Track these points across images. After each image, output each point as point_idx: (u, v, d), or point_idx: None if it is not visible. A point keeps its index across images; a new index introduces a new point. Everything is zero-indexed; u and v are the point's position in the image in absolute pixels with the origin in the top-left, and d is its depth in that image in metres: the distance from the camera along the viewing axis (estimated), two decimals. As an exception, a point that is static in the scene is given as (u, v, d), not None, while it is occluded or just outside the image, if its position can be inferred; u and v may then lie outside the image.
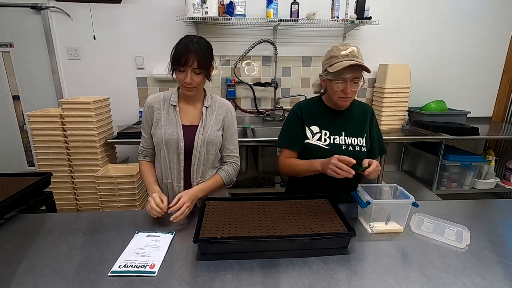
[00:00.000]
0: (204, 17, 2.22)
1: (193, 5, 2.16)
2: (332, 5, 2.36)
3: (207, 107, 1.26)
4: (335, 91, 1.20)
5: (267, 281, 0.80)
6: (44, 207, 1.41)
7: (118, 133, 2.15)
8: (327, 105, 1.32)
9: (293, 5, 2.33)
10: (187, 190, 1.18)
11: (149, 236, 1.00)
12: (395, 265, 0.87)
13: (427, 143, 2.59)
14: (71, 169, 2.06)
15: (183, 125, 1.22)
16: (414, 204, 1.03)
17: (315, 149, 1.26)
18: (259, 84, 2.57)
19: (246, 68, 2.62)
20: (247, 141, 2.13)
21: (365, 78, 1.20)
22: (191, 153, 1.22)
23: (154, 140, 1.24)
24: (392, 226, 1.05)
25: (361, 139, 1.29)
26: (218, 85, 2.62)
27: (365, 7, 2.35)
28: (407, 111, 2.60)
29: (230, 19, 2.27)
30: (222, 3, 2.27)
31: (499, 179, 2.57)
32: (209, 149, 1.24)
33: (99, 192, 1.98)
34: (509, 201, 1.32)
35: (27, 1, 2.26)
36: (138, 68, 2.51)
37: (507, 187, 2.57)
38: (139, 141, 1.33)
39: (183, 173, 1.24)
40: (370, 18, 2.35)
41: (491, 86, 2.87)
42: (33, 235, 1.02)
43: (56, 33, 2.37)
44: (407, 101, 2.52)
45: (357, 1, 2.35)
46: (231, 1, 2.25)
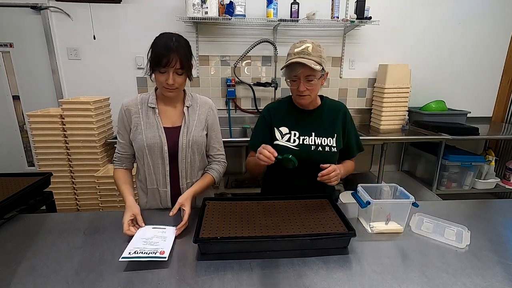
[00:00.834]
0: (204, 17, 2.22)
1: (193, 5, 2.16)
2: (332, 5, 2.36)
3: (188, 107, 1.21)
4: (292, 88, 1.23)
5: (267, 281, 0.80)
6: (44, 207, 1.41)
7: (118, 133, 2.15)
8: (296, 105, 1.31)
9: (293, 5, 2.33)
10: (186, 197, 1.11)
11: (154, 228, 1.02)
12: (395, 265, 0.87)
13: (427, 143, 2.60)
14: (71, 169, 2.06)
15: (165, 127, 1.17)
16: (414, 204, 1.03)
17: (284, 150, 1.24)
18: (259, 84, 2.57)
19: (246, 68, 2.62)
20: (247, 141, 2.13)
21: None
22: (176, 156, 1.18)
23: (134, 146, 1.18)
24: (392, 226, 1.05)
25: (331, 139, 1.27)
26: (218, 85, 2.62)
27: (365, 7, 2.35)
28: (407, 111, 2.60)
29: (230, 19, 2.27)
30: (222, 3, 2.27)
31: (499, 179, 2.57)
32: (194, 150, 1.20)
33: (99, 192, 1.98)
34: (509, 201, 1.32)
35: (27, 1, 2.26)
36: (138, 68, 2.51)
37: (507, 187, 2.57)
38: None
39: (169, 177, 1.20)
40: (370, 18, 2.35)
41: (491, 86, 2.87)
42: (33, 235, 1.02)
43: (56, 33, 2.37)
44: (407, 101, 2.53)
45: (357, 1, 2.35)
46: (231, 1, 2.25)
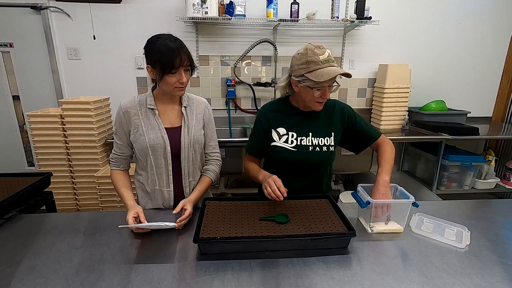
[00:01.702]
0: (204, 17, 2.22)
1: (193, 5, 2.16)
2: (332, 5, 2.36)
3: (185, 107, 1.23)
4: (310, 96, 1.15)
5: (267, 281, 0.80)
6: (44, 207, 1.41)
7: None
8: (294, 106, 1.29)
9: (293, 5, 2.33)
10: (189, 200, 1.13)
11: (155, 222, 1.03)
12: (395, 265, 0.87)
13: (427, 143, 2.59)
14: (71, 169, 2.06)
15: (165, 128, 1.18)
16: (414, 204, 1.03)
17: (282, 151, 1.25)
18: (259, 84, 2.57)
19: (246, 68, 2.62)
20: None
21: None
22: (178, 156, 1.20)
23: (136, 147, 1.18)
24: (392, 226, 1.05)
25: (328, 139, 1.27)
26: (218, 85, 2.62)
27: (365, 7, 2.35)
28: (407, 111, 2.60)
29: (230, 19, 2.27)
30: (222, 3, 2.27)
31: (499, 179, 2.57)
32: (196, 149, 1.23)
33: (99, 192, 1.98)
34: (509, 201, 1.32)
35: (27, 1, 2.26)
36: (138, 68, 2.51)
37: (507, 187, 2.57)
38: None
39: (172, 177, 1.22)
40: (370, 18, 2.35)
41: (491, 86, 2.87)
42: (33, 235, 1.02)
43: (56, 33, 2.37)
44: (407, 101, 2.52)
45: (357, 1, 2.35)
46: (231, 1, 2.25)
